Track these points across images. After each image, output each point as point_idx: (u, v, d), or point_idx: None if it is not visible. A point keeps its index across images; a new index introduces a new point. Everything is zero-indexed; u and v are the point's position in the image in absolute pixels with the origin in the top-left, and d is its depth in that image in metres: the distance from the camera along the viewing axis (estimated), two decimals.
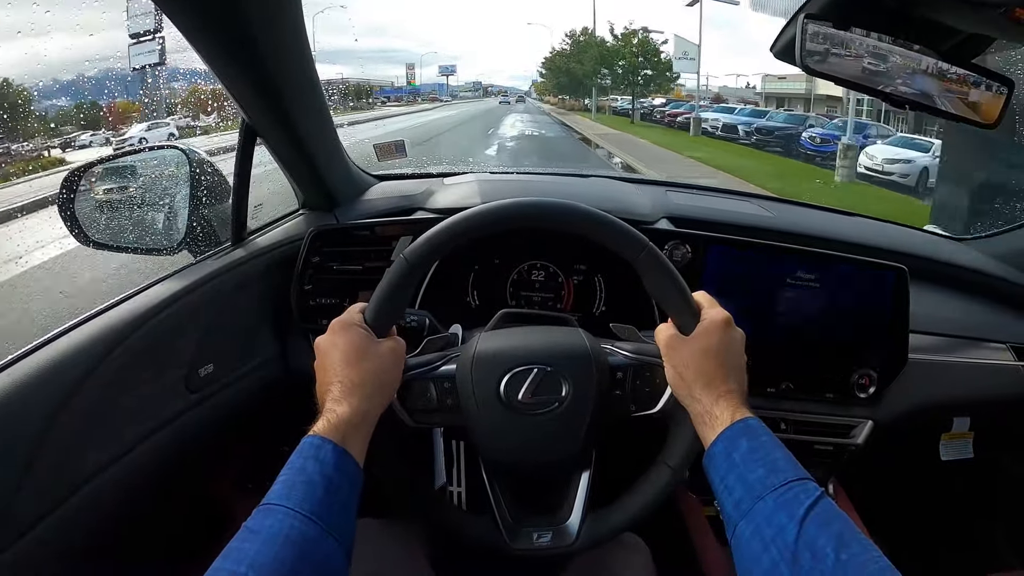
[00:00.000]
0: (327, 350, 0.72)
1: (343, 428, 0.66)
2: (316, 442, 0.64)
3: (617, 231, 0.76)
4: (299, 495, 0.59)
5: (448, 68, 46.20)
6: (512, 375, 0.76)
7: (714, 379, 0.71)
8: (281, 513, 0.58)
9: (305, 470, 0.62)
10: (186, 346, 0.96)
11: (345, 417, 0.66)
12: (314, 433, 0.65)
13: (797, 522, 0.57)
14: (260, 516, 0.58)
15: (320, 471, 0.62)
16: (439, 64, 46.31)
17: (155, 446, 0.89)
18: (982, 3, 0.71)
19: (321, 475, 0.61)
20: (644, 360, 0.79)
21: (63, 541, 0.76)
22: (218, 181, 1.14)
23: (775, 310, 1.13)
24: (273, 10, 0.84)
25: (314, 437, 0.64)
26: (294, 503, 0.59)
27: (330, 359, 0.71)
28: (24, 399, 0.73)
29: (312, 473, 0.61)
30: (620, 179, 1.61)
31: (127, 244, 1.14)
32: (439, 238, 0.75)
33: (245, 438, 1.17)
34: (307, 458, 0.63)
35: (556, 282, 1.19)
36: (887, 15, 0.80)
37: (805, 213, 1.58)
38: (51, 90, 2.14)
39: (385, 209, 1.31)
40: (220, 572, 0.53)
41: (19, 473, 0.72)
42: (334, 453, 0.63)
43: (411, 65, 44.36)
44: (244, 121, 1.04)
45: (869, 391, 1.15)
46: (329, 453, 0.63)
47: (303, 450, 0.64)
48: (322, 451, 0.63)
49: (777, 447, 0.66)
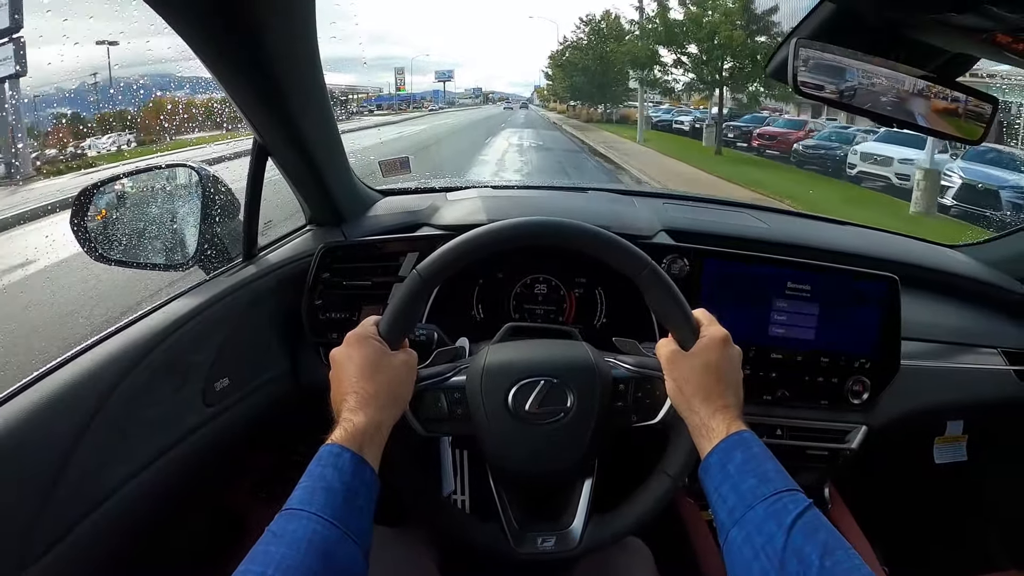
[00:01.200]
0: (343, 362, 0.75)
1: (360, 437, 0.68)
2: (335, 451, 0.67)
3: (622, 251, 0.80)
4: (320, 501, 0.62)
5: (445, 73, 42.70)
6: (520, 386, 0.79)
7: (712, 393, 0.74)
8: (304, 518, 0.61)
9: (325, 477, 0.64)
10: (203, 361, 0.98)
11: (361, 427, 0.69)
12: (332, 442, 0.68)
13: (785, 530, 0.61)
14: (283, 521, 0.61)
15: (340, 478, 0.64)
16: (436, 69, 43.00)
17: (174, 459, 0.91)
18: (967, 28, 0.75)
19: (341, 482, 0.64)
20: (645, 373, 0.82)
21: (87, 555, 0.78)
22: (229, 199, 1.17)
23: (771, 320, 1.16)
24: (288, 26, 0.86)
25: (333, 446, 0.67)
26: (316, 508, 0.61)
27: (346, 371, 0.74)
28: (51, 417, 0.76)
29: (332, 480, 0.64)
30: (619, 192, 1.63)
31: (139, 260, 1.15)
32: (452, 254, 0.79)
33: (259, 449, 1.19)
34: (326, 466, 0.65)
35: (558, 295, 1.21)
36: (875, 37, 0.83)
37: (799, 223, 1.61)
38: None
39: (391, 225, 1.33)
40: (247, 575, 0.56)
41: (45, 489, 0.74)
42: (352, 461, 0.66)
43: (400, 70, 40.69)
44: (255, 140, 1.07)
45: (863, 397, 1.18)
46: (348, 461, 0.66)
47: (322, 458, 0.66)
48: (341, 459, 0.66)
49: (769, 459, 0.69)
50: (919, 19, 0.80)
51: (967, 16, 0.70)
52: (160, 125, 3.71)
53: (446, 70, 44.34)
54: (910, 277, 1.22)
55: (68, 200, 1.09)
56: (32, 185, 3.93)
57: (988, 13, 0.68)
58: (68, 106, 3.31)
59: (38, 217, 3.09)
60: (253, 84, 0.93)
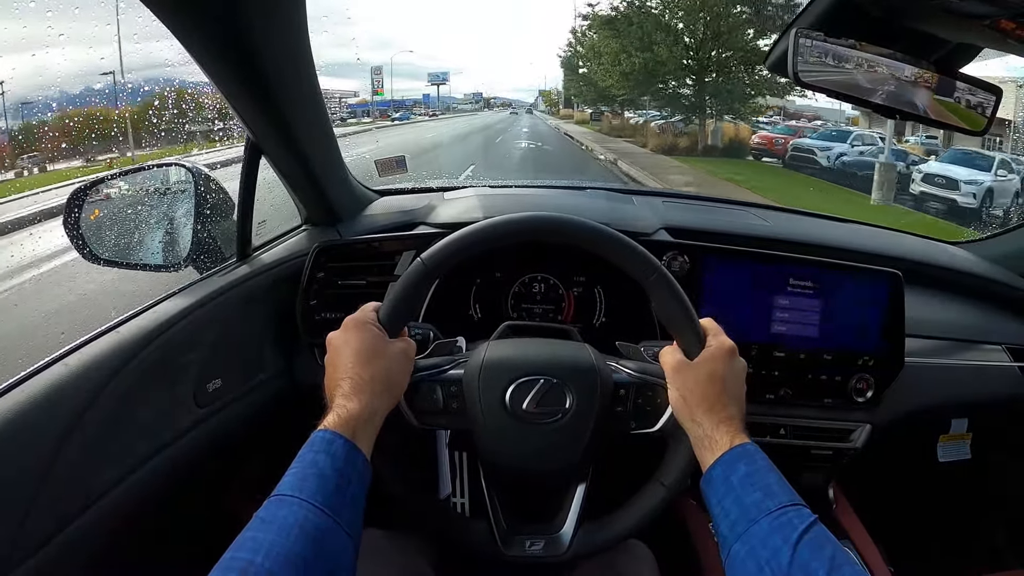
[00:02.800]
0: (339, 347, 0.74)
1: (353, 424, 0.67)
2: (327, 436, 0.65)
3: (631, 252, 0.79)
4: (312, 487, 0.61)
5: (439, 75, 36.17)
6: (518, 384, 0.78)
7: (716, 405, 0.73)
8: (295, 504, 0.59)
9: (317, 463, 0.63)
10: (195, 361, 0.97)
11: (355, 413, 0.68)
12: (325, 427, 0.66)
13: (791, 545, 0.60)
14: (273, 506, 0.59)
15: (332, 465, 0.63)
16: (428, 72, 36.84)
17: (166, 460, 0.90)
18: (969, 14, 0.73)
19: (333, 469, 0.63)
20: (647, 380, 0.81)
21: (76, 557, 0.77)
22: (222, 198, 1.15)
23: (773, 317, 1.15)
24: (277, 23, 0.85)
25: (325, 431, 0.66)
26: (307, 495, 0.60)
27: (342, 356, 0.73)
28: (38, 415, 0.75)
29: (324, 467, 0.63)
30: (618, 191, 1.62)
31: (133, 261, 1.14)
32: (457, 245, 0.78)
33: (253, 451, 1.18)
34: (318, 452, 0.64)
35: (557, 294, 1.20)
36: (877, 27, 0.82)
37: (801, 221, 1.60)
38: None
39: (387, 224, 1.32)
40: (236, 562, 0.54)
41: (33, 489, 0.73)
42: (345, 448, 0.65)
43: (378, 70, 31.68)
44: (248, 138, 1.06)
45: (867, 395, 1.16)
46: (340, 448, 0.64)
47: (314, 444, 0.65)
48: (333, 445, 0.64)
49: (772, 472, 0.68)
50: (921, 7, 0.79)
51: (969, 3, 0.69)
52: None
53: (439, 72, 37.68)
54: (913, 274, 1.21)
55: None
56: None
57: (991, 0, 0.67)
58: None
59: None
60: (245, 81, 0.92)
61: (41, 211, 2.37)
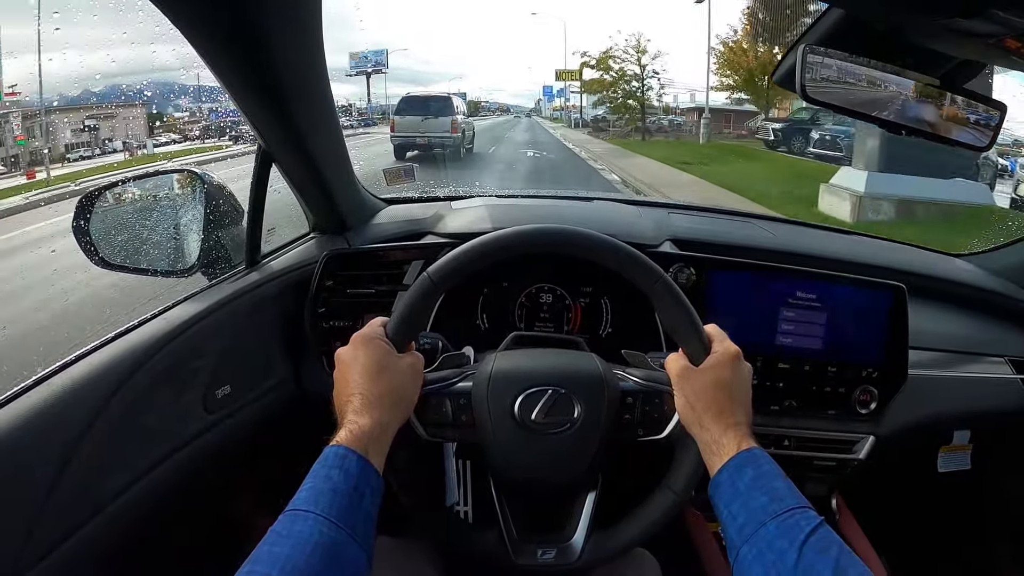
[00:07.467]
0: (348, 362, 0.74)
1: (365, 439, 0.68)
2: (341, 452, 0.66)
3: (633, 261, 0.79)
4: (326, 502, 0.61)
5: (367, 57, 27.12)
6: (527, 395, 0.78)
7: (723, 411, 0.73)
8: (311, 519, 0.60)
9: (331, 479, 0.64)
10: (204, 368, 0.97)
11: (367, 429, 0.68)
12: (337, 443, 0.67)
13: (797, 547, 0.60)
14: (288, 521, 0.60)
15: (345, 480, 0.64)
16: (351, 52, 27.67)
17: (174, 466, 0.90)
18: (975, 33, 0.74)
19: (347, 484, 0.63)
20: (654, 387, 0.81)
21: (84, 563, 0.77)
22: (232, 205, 1.16)
23: (778, 329, 1.15)
24: (294, 34, 0.86)
25: (338, 447, 0.66)
26: (322, 510, 0.60)
27: (351, 371, 0.73)
28: (47, 422, 0.75)
29: (338, 482, 0.63)
30: (624, 202, 1.63)
31: (141, 266, 1.14)
32: (465, 258, 0.78)
33: (261, 457, 1.18)
34: (332, 467, 0.65)
35: (563, 304, 1.20)
36: (883, 43, 0.83)
37: (806, 233, 1.60)
38: None
39: (395, 233, 1.33)
40: (253, 575, 0.55)
41: (43, 495, 0.73)
42: (358, 464, 0.65)
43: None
44: (260, 146, 1.06)
45: (870, 407, 1.17)
46: (354, 464, 0.65)
47: (327, 459, 0.65)
48: (347, 461, 0.65)
49: (779, 476, 0.68)
50: (927, 25, 0.80)
51: (975, 21, 0.70)
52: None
53: (371, 52, 27.09)
54: (916, 286, 1.21)
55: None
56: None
57: (996, 18, 0.68)
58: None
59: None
60: (259, 90, 0.93)
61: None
